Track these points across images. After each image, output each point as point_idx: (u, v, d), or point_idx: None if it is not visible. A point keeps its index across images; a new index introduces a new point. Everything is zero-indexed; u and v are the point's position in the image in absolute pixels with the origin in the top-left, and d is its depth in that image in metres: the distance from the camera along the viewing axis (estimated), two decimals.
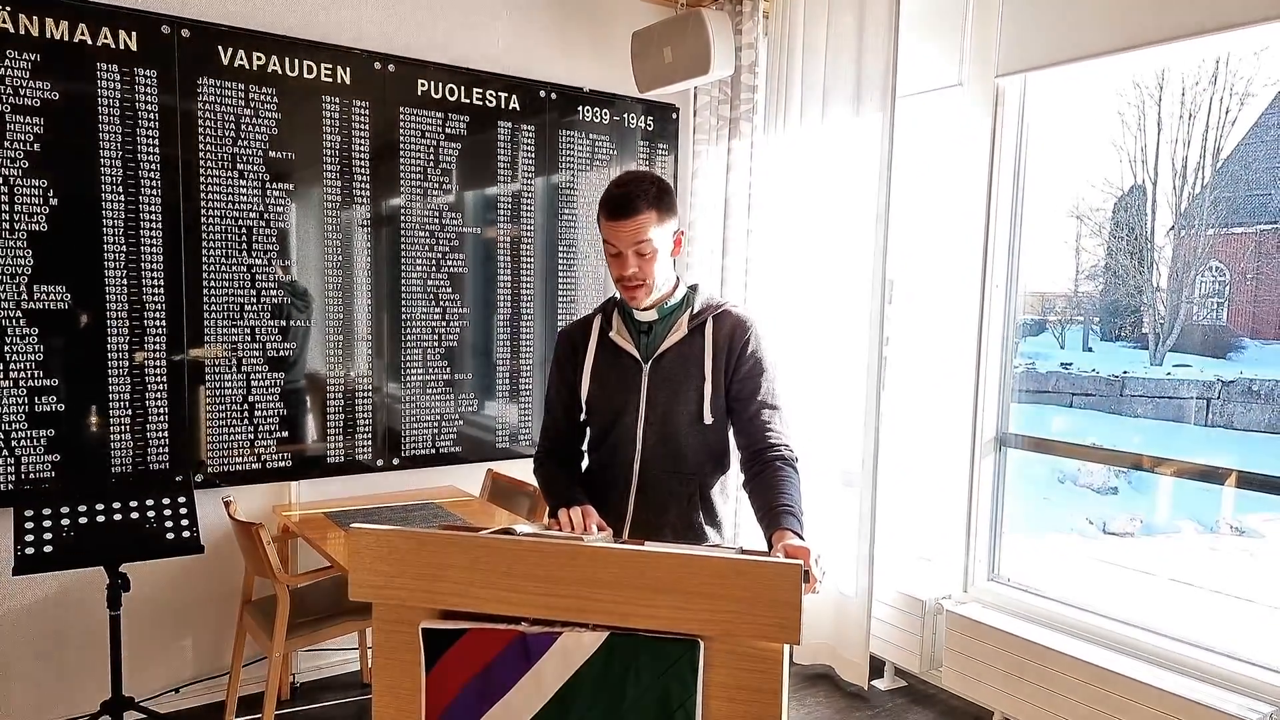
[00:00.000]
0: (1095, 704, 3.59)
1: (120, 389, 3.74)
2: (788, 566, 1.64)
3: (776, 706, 1.68)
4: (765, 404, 2.39)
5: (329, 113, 4.09)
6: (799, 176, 4.50)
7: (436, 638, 1.79)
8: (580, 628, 1.73)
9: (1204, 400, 10.75)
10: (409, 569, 1.79)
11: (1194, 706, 3.31)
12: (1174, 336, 11.56)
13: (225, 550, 3.97)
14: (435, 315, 4.43)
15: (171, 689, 4.04)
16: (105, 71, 3.61)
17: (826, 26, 4.33)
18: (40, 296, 3.56)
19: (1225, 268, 11.43)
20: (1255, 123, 11.30)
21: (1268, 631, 3.72)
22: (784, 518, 2.13)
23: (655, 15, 4.79)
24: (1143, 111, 11.71)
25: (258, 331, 4.00)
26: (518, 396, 4.71)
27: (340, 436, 4.25)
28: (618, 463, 2.45)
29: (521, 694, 1.75)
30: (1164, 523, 9.61)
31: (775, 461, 2.30)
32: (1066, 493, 10.25)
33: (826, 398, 4.38)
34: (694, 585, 1.66)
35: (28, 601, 3.73)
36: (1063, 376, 11.56)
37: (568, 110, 4.73)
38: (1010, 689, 3.89)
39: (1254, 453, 10.07)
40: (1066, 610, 4.01)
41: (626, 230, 2.29)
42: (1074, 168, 12.06)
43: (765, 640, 1.66)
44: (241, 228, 3.93)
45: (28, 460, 3.60)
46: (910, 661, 4.38)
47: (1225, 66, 11.10)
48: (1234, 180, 11.35)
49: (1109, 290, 12.53)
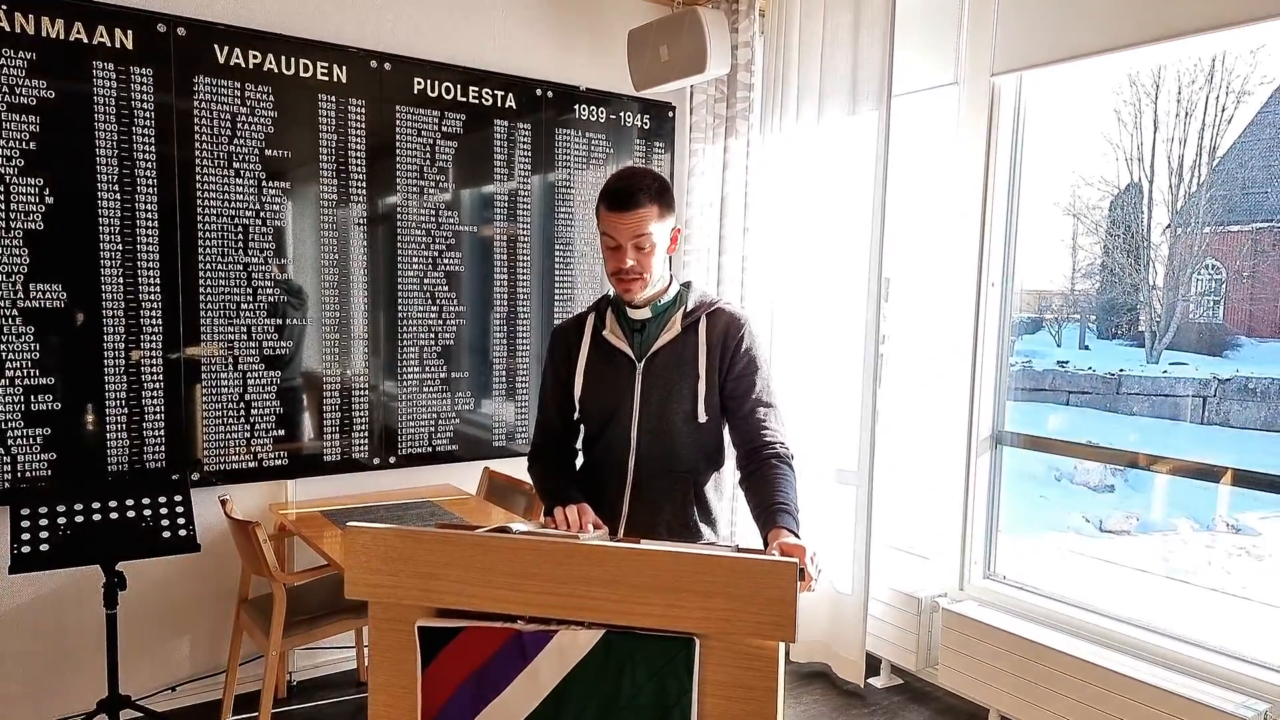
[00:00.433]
0: (1091, 701, 3.60)
1: (116, 387, 3.73)
2: (783, 564, 1.65)
3: (772, 704, 1.68)
4: (760, 402, 2.40)
5: (325, 111, 4.09)
6: (795, 175, 4.50)
7: (433, 636, 1.79)
8: (576, 626, 1.73)
9: (1200, 398, 10.78)
10: (405, 567, 1.80)
11: (1190, 704, 3.32)
12: (1170, 334, 11.59)
13: (221, 549, 3.97)
14: (432, 314, 4.43)
15: (168, 687, 4.04)
16: (101, 70, 3.61)
17: (822, 25, 4.33)
18: (36, 295, 3.56)
19: (1221, 266, 11.46)
20: (1251, 121, 11.33)
21: (1264, 629, 3.72)
22: (780, 516, 2.14)
23: (651, 14, 4.79)
24: (1139, 109, 11.73)
25: (254, 330, 4.00)
26: (514, 395, 4.72)
27: (337, 435, 4.25)
28: (612, 461, 2.46)
29: (518, 692, 1.76)
30: (1160, 521, 9.64)
31: (771, 459, 2.30)
32: (1063, 491, 10.27)
33: (823, 396, 4.38)
34: (690, 583, 1.66)
35: (24, 600, 3.72)
36: (1059, 374, 11.59)
37: (564, 108, 4.73)
38: (1006, 687, 3.90)
39: (1250, 450, 10.10)
40: (1063, 608, 4.02)
41: (628, 223, 2.30)
42: (1070, 165, 12.08)
43: (761, 638, 1.67)
44: (238, 226, 3.93)
45: (24, 458, 3.59)
46: (906, 659, 4.39)
47: (1221, 65, 11.12)
48: (1230, 178, 11.38)
49: (1105, 288, 12.55)
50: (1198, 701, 3.31)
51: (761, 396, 2.40)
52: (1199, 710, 3.29)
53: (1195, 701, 3.31)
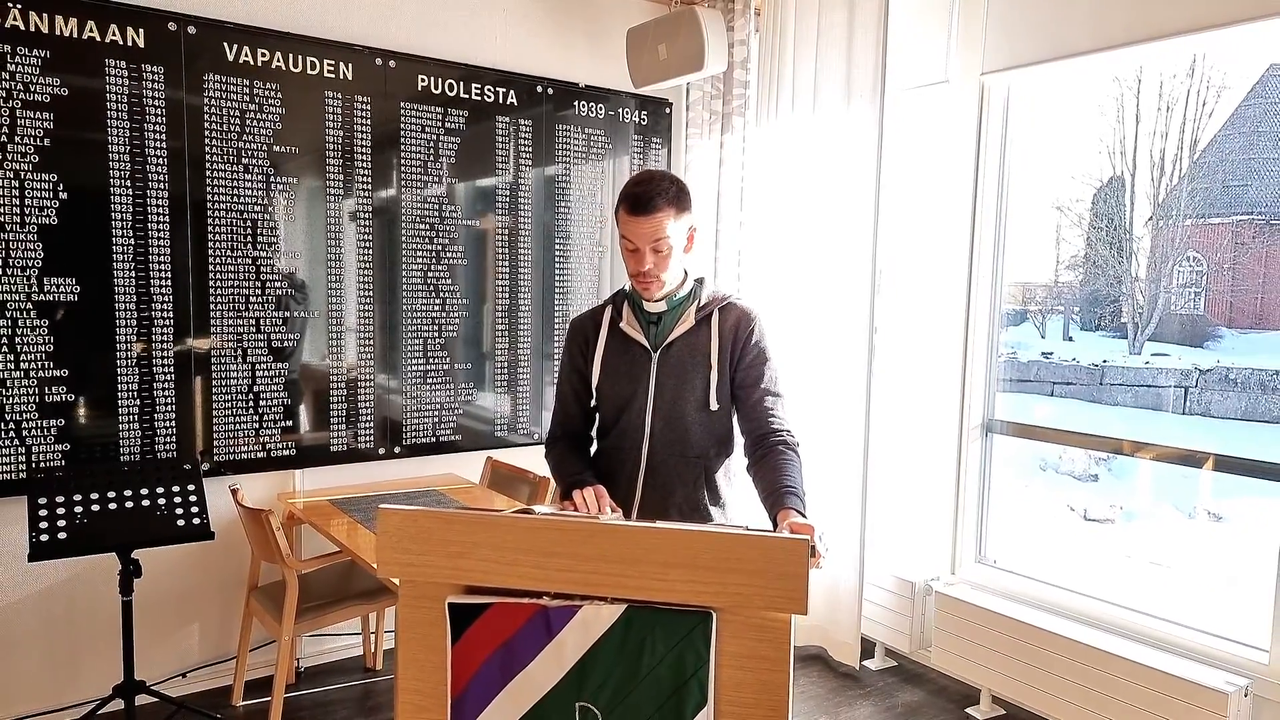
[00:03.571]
0: (1081, 680, 3.71)
1: (129, 379, 3.81)
2: (795, 541, 1.73)
3: (784, 673, 1.77)
4: (768, 391, 2.50)
5: (331, 107, 4.17)
6: (790, 170, 4.59)
7: (462, 612, 1.86)
8: (599, 601, 1.80)
9: (1182, 389, 10.89)
10: (436, 547, 1.87)
11: (1176, 681, 3.44)
12: (1153, 326, 11.68)
13: (231, 537, 4.04)
14: (435, 306, 4.51)
15: (179, 673, 4.11)
16: (114, 67, 3.68)
17: (817, 23, 4.41)
18: (50, 288, 3.63)
19: (1203, 258, 11.57)
20: (1231, 115, 11.43)
21: (1245, 610, 3.84)
22: (788, 498, 2.24)
23: (650, 12, 4.88)
24: (1121, 104, 11.82)
25: (262, 322, 4.08)
26: (515, 386, 4.80)
27: (343, 425, 4.33)
28: (627, 446, 2.55)
29: (543, 664, 1.83)
30: (1144, 509, 9.75)
31: (778, 446, 2.40)
32: (1048, 480, 10.36)
33: (818, 386, 4.47)
34: (707, 560, 1.75)
35: (41, 588, 3.80)
36: (1044, 365, 11.68)
37: (564, 104, 4.82)
38: (998, 667, 4.01)
39: (1231, 440, 10.20)
40: (1052, 591, 4.13)
41: (646, 227, 2.40)
42: (1055, 160, 12.15)
43: (774, 611, 1.75)
44: (246, 220, 4.01)
45: (38, 449, 3.67)
46: (900, 642, 4.50)
47: (1203, 60, 11.22)
48: (1211, 172, 11.49)
49: (1089, 280, 12.65)
50: (1183, 678, 3.42)
51: (770, 386, 2.51)
52: (1184, 686, 3.41)
53: (1180, 678, 3.43)
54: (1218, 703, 3.32)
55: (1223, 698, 3.31)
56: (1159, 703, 3.47)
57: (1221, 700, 3.31)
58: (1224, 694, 3.32)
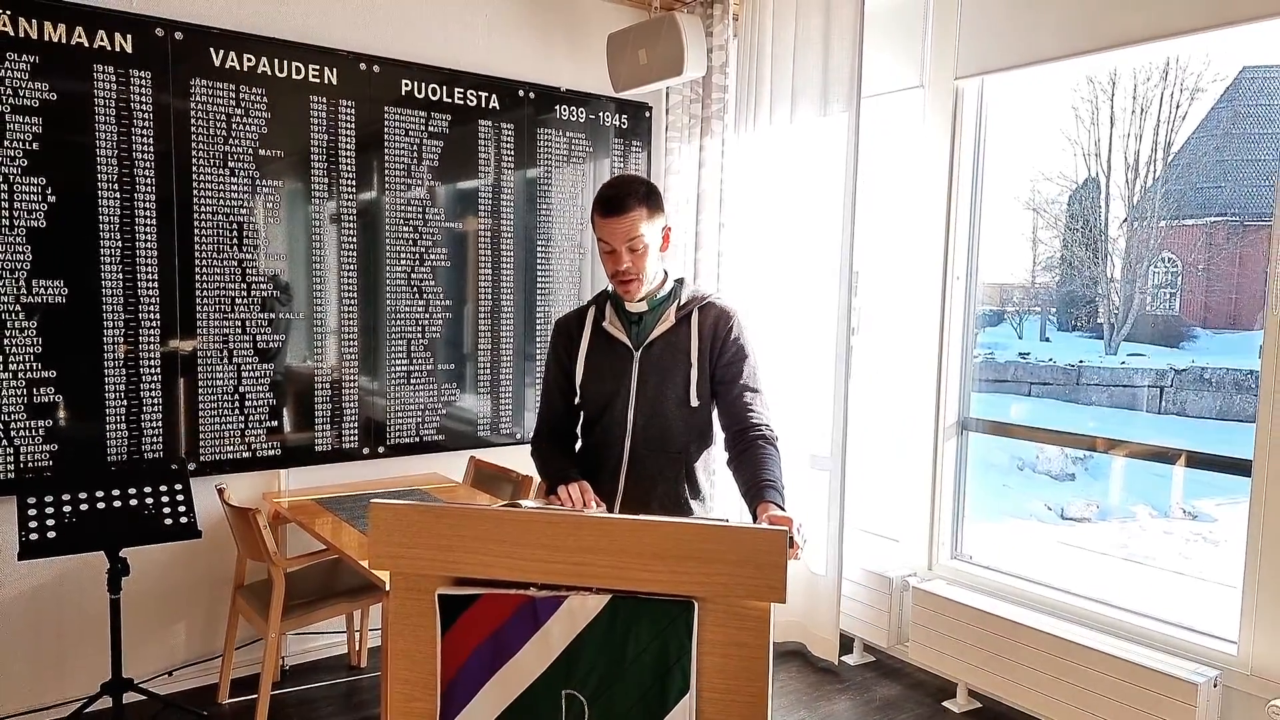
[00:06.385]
0: (1055, 672, 3.79)
1: (116, 380, 3.84)
2: (774, 533, 1.79)
3: (763, 660, 1.83)
4: (747, 387, 2.57)
5: (316, 112, 4.21)
6: (769, 173, 4.67)
7: (451, 603, 1.91)
8: (585, 591, 1.86)
9: (1157, 388, 11.02)
10: (426, 540, 1.92)
11: (1147, 672, 3.52)
12: (1128, 326, 11.82)
13: (217, 536, 4.07)
14: (419, 308, 4.56)
15: (165, 672, 4.14)
16: (101, 73, 3.71)
17: (794, 29, 4.49)
18: (39, 290, 3.66)
19: (1177, 259, 11.71)
20: (1205, 117, 11.58)
21: (1215, 605, 3.93)
22: (767, 491, 2.31)
23: (630, 18, 4.95)
24: (1096, 106, 11.95)
25: (248, 324, 4.12)
26: (497, 386, 4.85)
27: (328, 426, 4.37)
28: (610, 441, 2.62)
29: (531, 653, 1.88)
30: (1119, 507, 9.87)
31: (758, 441, 2.47)
32: (1025, 479, 10.47)
33: (797, 385, 4.55)
34: (689, 550, 1.80)
35: (29, 586, 3.82)
36: (1020, 366, 11.81)
37: (545, 109, 4.87)
38: (974, 660, 4.08)
39: (1205, 438, 10.34)
40: (1027, 585, 4.21)
41: (620, 227, 2.46)
42: (1030, 161, 12.27)
43: (754, 599, 1.80)
44: (232, 223, 4.05)
45: (26, 450, 3.69)
46: (878, 637, 4.57)
47: (1176, 63, 11.36)
48: (1184, 173, 11.63)
49: (1065, 281, 12.78)
50: (1154, 669, 3.50)
51: (749, 382, 2.58)
52: (1155, 677, 3.49)
53: (1152, 669, 3.51)
54: (1188, 693, 3.40)
55: (1193, 688, 3.39)
56: (1131, 694, 3.55)
57: (1191, 690, 3.39)
58: (1194, 684, 3.40)
